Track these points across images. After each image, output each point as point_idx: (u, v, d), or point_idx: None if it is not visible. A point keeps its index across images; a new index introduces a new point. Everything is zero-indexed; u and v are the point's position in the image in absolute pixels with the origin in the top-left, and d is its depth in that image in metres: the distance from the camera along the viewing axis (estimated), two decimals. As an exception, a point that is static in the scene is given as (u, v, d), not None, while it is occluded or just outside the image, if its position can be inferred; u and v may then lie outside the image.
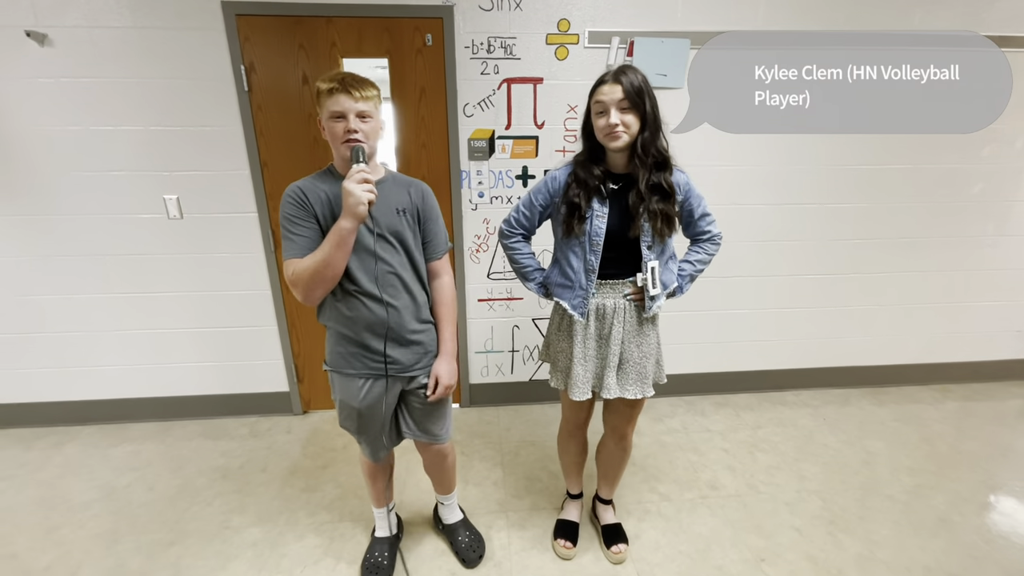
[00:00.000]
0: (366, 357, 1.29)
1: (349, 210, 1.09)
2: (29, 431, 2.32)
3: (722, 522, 1.76)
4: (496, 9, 2.00)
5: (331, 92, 1.13)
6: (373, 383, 1.32)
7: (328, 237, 1.13)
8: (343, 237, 1.11)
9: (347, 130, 1.14)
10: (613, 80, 1.21)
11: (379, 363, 1.29)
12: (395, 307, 1.27)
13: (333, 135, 1.17)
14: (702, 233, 1.42)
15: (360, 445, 1.45)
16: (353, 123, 1.14)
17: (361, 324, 1.26)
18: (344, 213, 1.10)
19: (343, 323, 1.27)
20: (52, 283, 2.18)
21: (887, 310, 2.59)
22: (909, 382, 2.71)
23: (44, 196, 2.06)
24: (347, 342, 1.29)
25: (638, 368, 1.38)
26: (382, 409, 1.35)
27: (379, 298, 1.24)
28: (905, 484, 1.95)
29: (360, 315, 1.25)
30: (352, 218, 1.10)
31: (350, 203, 1.08)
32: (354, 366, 1.30)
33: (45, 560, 1.61)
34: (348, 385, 1.32)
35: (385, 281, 1.25)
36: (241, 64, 1.97)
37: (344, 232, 1.11)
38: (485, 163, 2.19)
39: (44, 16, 1.86)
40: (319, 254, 1.14)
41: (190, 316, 2.28)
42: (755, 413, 2.46)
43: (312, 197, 1.19)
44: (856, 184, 2.37)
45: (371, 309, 1.24)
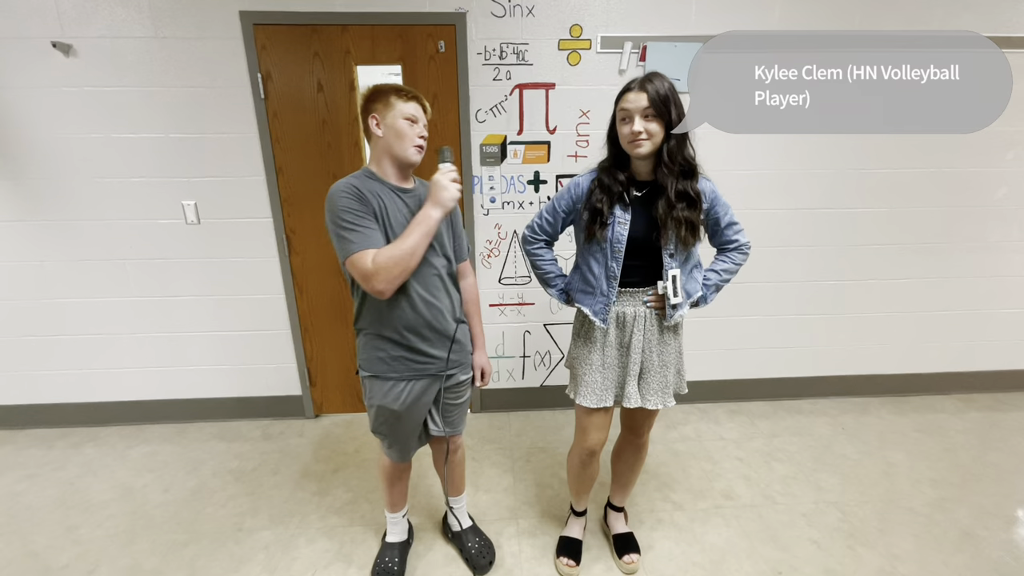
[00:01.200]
0: (409, 359, 1.31)
1: (441, 202, 1.18)
2: (51, 431, 2.38)
3: (737, 533, 1.73)
4: (508, 15, 2.01)
5: (409, 99, 1.24)
6: (414, 384, 1.34)
7: (414, 226, 1.17)
8: (431, 227, 1.17)
9: (420, 135, 1.26)
10: (639, 88, 1.20)
11: (423, 364, 1.32)
12: (439, 307, 1.31)
13: (403, 135, 1.23)
14: (729, 242, 1.39)
15: (388, 449, 1.45)
16: (423, 130, 1.26)
17: (406, 325, 1.28)
18: (434, 204, 1.18)
19: (387, 326, 1.28)
20: (74, 286, 2.23)
21: (907, 317, 2.53)
22: (931, 391, 2.65)
23: (67, 202, 2.12)
24: (390, 345, 1.30)
25: (659, 378, 1.37)
26: (420, 410, 1.38)
27: (426, 299, 1.28)
28: (927, 496, 1.89)
29: (406, 316, 1.27)
30: (442, 209, 1.18)
31: (444, 196, 1.17)
32: (396, 369, 1.31)
33: (64, 558, 1.64)
34: (388, 389, 1.32)
35: (431, 283, 1.29)
36: (258, 72, 2.00)
37: (432, 221, 1.17)
38: (497, 168, 2.19)
39: (70, 27, 1.92)
40: (406, 242, 1.15)
41: (206, 320, 2.31)
42: (770, 421, 2.42)
43: (367, 193, 1.21)
44: (875, 189, 2.32)
45: (417, 310, 1.27)
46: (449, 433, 1.49)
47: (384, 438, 1.42)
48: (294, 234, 2.22)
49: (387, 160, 1.27)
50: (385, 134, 1.24)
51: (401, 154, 1.25)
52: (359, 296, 1.29)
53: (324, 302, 2.33)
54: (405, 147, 1.24)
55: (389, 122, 1.23)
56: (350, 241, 1.16)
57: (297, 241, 2.24)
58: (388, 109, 1.23)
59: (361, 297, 1.29)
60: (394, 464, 1.49)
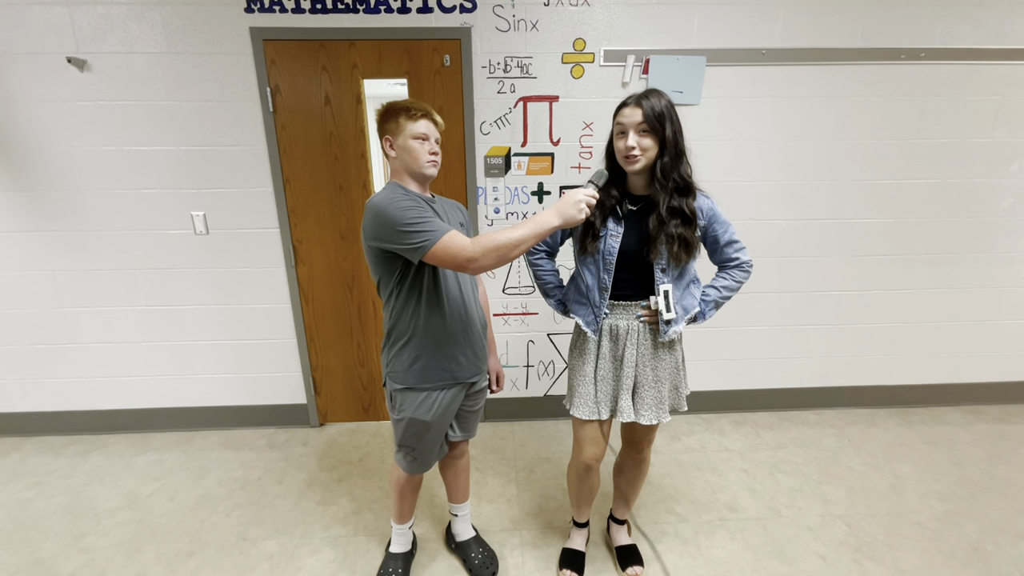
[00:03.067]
0: (443, 368, 1.34)
1: (565, 214, 1.15)
2: (60, 438, 2.40)
3: (742, 546, 1.71)
4: (513, 30, 2.04)
5: (418, 117, 1.26)
6: (445, 393, 1.36)
7: (528, 223, 1.15)
8: (544, 230, 1.15)
9: (432, 152, 1.28)
10: (635, 103, 1.22)
11: (455, 371, 1.35)
12: (471, 315, 1.37)
13: (416, 154, 1.26)
14: (730, 260, 1.39)
15: (412, 463, 1.44)
16: (435, 146, 1.29)
17: (445, 334, 1.31)
18: (558, 213, 1.15)
19: (426, 336, 1.30)
20: (84, 296, 2.26)
21: (914, 328, 2.52)
22: (938, 403, 2.62)
23: (79, 213, 2.16)
24: (427, 355, 1.32)
25: (653, 393, 1.37)
26: (447, 418, 1.41)
27: (461, 307, 1.33)
28: (935, 510, 1.87)
29: (444, 325, 1.31)
30: (562, 220, 1.15)
31: (571, 212, 1.14)
32: (431, 380, 1.34)
33: (70, 567, 1.65)
34: (422, 401, 1.34)
35: (465, 292, 1.36)
36: (267, 86, 2.04)
37: (548, 226, 1.15)
38: (501, 180, 2.21)
39: (85, 43, 1.97)
40: (515, 233, 1.13)
41: (213, 328, 2.34)
42: (775, 432, 2.40)
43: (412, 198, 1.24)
44: (878, 199, 2.32)
45: (455, 318, 1.32)
46: (466, 437, 1.54)
47: (410, 452, 1.42)
48: (300, 244, 2.25)
49: (406, 176, 1.31)
50: (399, 154, 1.28)
51: (417, 171, 1.29)
52: (395, 308, 1.31)
53: (329, 312, 2.35)
54: (420, 164, 1.27)
55: (401, 143, 1.27)
56: (430, 231, 1.15)
57: (303, 251, 2.26)
58: (399, 131, 1.26)
59: (398, 310, 1.30)
60: (409, 477, 1.49)
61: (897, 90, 2.19)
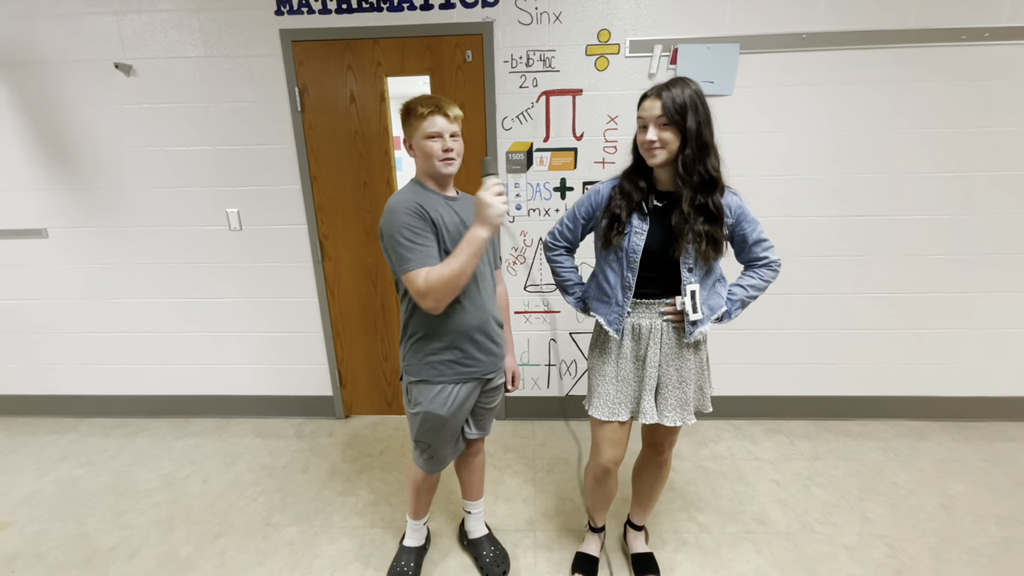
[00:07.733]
0: (458, 363, 1.33)
1: (488, 221, 1.13)
2: (110, 421, 2.58)
3: (768, 562, 1.62)
4: (535, 23, 2.01)
5: (429, 114, 1.21)
6: (460, 388, 1.35)
7: (463, 247, 1.15)
8: (479, 247, 1.14)
9: (445, 149, 1.23)
10: (655, 95, 1.17)
11: (470, 367, 1.34)
12: (488, 312, 1.35)
13: (429, 153, 1.24)
14: (758, 259, 1.32)
15: (428, 460, 1.44)
16: (449, 142, 1.23)
17: (459, 330, 1.30)
18: (481, 223, 1.14)
19: (439, 331, 1.30)
20: (130, 288, 2.41)
21: (973, 334, 2.30)
22: (1000, 417, 2.39)
23: (126, 210, 2.30)
24: (441, 350, 1.31)
25: (677, 394, 1.31)
26: (463, 415, 1.40)
27: (477, 304, 1.31)
28: (992, 535, 1.71)
29: (459, 321, 1.29)
30: (490, 228, 1.14)
31: (490, 214, 1.12)
32: (445, 374, 1.33)
33: (110, 541, 1.76)
34: (436, 394, 1.33)
35: (482, 288, 1.34)
36: (296, 86, 2.10)
37: (480, 242, 1.14)
38: (523, 175, 2.18)
39: (131, 49, 2.09)
40: (455, 263, 1.14)
41: (246, 321, 2.44)
42: (812, 443, 2.26)
43: (426, 208, 1.22)
44: (934, 193, 2.13)
45: (469, 315, 1.30)
46: (482, 435, 1.53)
47: (426, 448, 1.42)
48: (327, 240, 2.31)
49: (426, 175, 1.30)
50: (416, 155, 1.28)
51: (432, 171, 1.27)
52: (408, 303, 1.31)
53: (354, 306, 2.40)
54: (433, 164, 1.25)
55: (416, 143, 1.26)
56: (407, 259, 1.18)
57: (329, 246, 2.32)
58: (413, 131, 1.25)
59: (413, 304, 1.29)
60: (425, 476, 1.49)
61: (956, 74, 2.00)
